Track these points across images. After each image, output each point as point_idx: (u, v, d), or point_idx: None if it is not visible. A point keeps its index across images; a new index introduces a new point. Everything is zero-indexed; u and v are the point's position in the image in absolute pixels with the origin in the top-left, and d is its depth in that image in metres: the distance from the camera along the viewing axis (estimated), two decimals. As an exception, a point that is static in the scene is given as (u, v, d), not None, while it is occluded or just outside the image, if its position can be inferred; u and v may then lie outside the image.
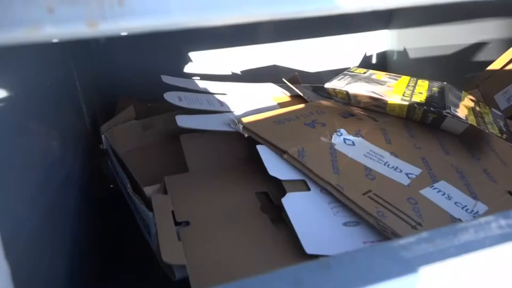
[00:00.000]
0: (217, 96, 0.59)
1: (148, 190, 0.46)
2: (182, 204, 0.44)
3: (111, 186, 0.68)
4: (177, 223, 0.42)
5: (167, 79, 0.60)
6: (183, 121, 0.49)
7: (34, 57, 0.43)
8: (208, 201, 0.45)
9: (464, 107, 0.53)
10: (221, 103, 0.56)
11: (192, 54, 0.90)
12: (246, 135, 0.48)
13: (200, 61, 0.90)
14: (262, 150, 0.46)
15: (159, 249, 0.37)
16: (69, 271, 0.43)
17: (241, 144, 0.51)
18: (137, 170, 0.52)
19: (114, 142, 0.57)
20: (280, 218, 0.43)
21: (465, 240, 0.18)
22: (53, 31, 0.12)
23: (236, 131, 0.50)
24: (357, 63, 1.05)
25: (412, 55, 1.03)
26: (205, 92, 0.60)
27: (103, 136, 0.57)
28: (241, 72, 0.96)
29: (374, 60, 1.07)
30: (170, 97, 0.54)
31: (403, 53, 1.04)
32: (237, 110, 0.55)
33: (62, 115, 0.51)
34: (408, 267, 0.17)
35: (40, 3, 0.12)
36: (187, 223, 0.41)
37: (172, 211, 0.42)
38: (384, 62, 1.07)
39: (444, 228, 0.19)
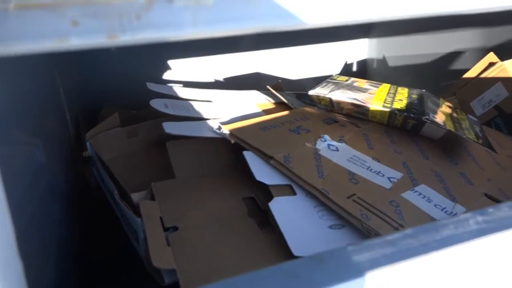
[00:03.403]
0: (202, 103, 0.59)
1: (135, 196, 0.46)
2: (170, 210, 0.44)
3: (93, 193, 0.67)
4: (165, 229, 0.42)
5: (152, 86, 0.60)
6: (170, 127, 0.49)
7: (16, 64, 0.43)
8: (196, 207, 0.45)
9: (442, 114, 0.55)
10: (207, 110, 0.57)
11: (176, 62, 0.90)
12: (232, 141, 0.49)
13: (184, 69, 0.91)
14: (248, 156, 0.47)
15: (148, 254, 0.37)
16: (53, 279, 0.43)
17: (227, 150, 0.52)
18: (123, 177, 0.52)
19: (99, 149, 0.57)
20: (267, 222, 0.44)
21: (446, 235, 0.19)
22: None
23: (222, 138, 0.51)
24: (338, 71, 1.07)
25: (391, 63, 1.06)
26: (191, 99, 0.60)
27: (88, 143, 0.57)
28: (224, 79, 0.97)
29: (354, 68, 1.09)
30: (157, 104, 0.55)
31: (383, 61, 1.07)
32: (223, 117, 0.56)
33: (45, 122, 0.51)
34: (395, 259, 0.18)
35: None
36: (175, 229, 0.42)
37: (160, 217, 0.43)
38: (364, 70, 1.10)
39: (427, 224, 0.20)
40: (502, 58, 0.69)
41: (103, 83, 0.79)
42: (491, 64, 0.69)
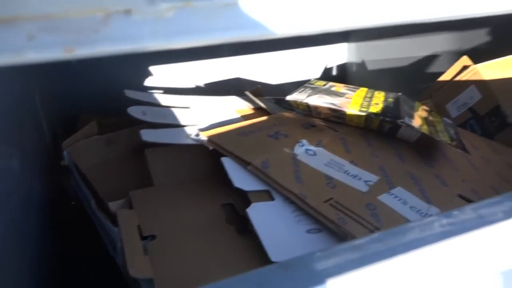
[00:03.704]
0: (181, 110, 0.59)
1: (113, 205, 0.46)
2: (148, 218, 0.44)
3: (72, 203, 0.66)
4: (143, 237, 0.42)
5: (130, 93, 0.60)
6: (147, 135, 0.49)
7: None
8: (174, 215, 0.45)
9: (417, 117, 0.56)
10: (185, 117, 0.57)
11: (155, 68, 0.90)
12: (210, 147, 0.49)
13: (164, 75, 0.90)
14: (226, 162, 0.47)
15: (125, 264, 0.37)
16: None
17: (206, 157, 0.52)
18: (101, 186, 0.52)
19: (76, 158, 0.56)
20: (245, 228, 0.44)
21: (411, 238, 0.20)
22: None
23: (201, 144, 0.51)
24: (318, 75, 1.08)
25: (370, 67, 1.07)
26: (169, 106, 0.60)
27: (64, 152, 0.57)
28: (205, 85, 0.97)
29: (334, 72, 1.11)
30: (134, 111, 0.54)
31: (362, 65, 1.08)
32: (201, 123, 0.56)
33: (20, 132, 0.50)
34: (360, 264, 0.18)
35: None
36: (154, 237, 0.42)
37: (138, 226, 0.42)
38: (343, 74, 1.11)
39: (394, 228, 0.20)
40: (475, 61, 0.70)
41: (81, 90, 0.78)
42: (465, 68, 0.71)
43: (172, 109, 0.59)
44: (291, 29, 0.18)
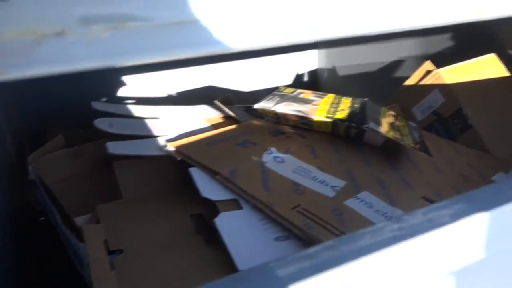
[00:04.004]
0: (149, 121, 0.59)
1: (79, 220, 0.45)
2: (115, 232, 0.43)
3: (42, 218, 0.65)
4: (110, 252, 0.41)
5: (97, 105, 0.59)
6: (114, 147, 0.49)
7: None
8: (143, 228, 0.45)
9: (383, 121, 0.58)
10: (154, 127, 0.57)
11: (125, 78, 0.89)
12: (178, 158, 0.49)
13: (135, 85, 0.90)
14: (194, 172, 0.47)
15: (91, 280, 0.36)
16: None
17: (175, 168, 0.52)
18: (67, 200, 0.51)
19: (42, 173, 0.55)
20: (215, 238, 0.44)
21: (363, 244, 0.20)
22: None
23: (169, 155, 0.50)
24: (290, 82, 1.09)
25: (340, 72, 1.09)
26: (138, 117, 0.60)
27: (30, 167, 0.55)
28: (176, 94, 0.97)
29: (305, 78, 1.12)
30: (101, 123, 0.54)
31: (332, 71, 1.10)
32: (170, 134, 0.55)
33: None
34: (313, 272, 0.18)
35: None
36: (121, 251, 0.41)
37: (105, 240, 0.42)
38: (315, 80, 1.13)
39: (347, 235, 0.21)
40: (438, 66, 0.73)
41: (49, 103, 0.77)
42: (428, 72, 0.73)
43: (141, 120, 0.58)
44: (233, 45, 0.18)
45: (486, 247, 0.23)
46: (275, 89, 0.68)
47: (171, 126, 0.58)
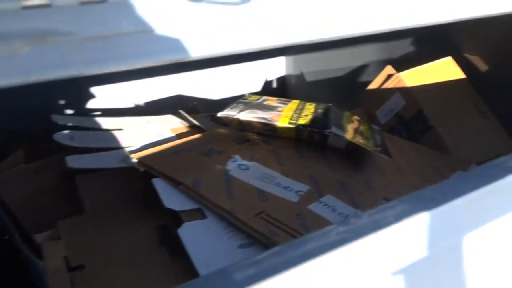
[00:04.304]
0: (113, 132, 0.58)
1: (38, 237, 0.44)
2: (76, 248, 0.43)
3: (6, 237, 0.63)
4: (71, 269, 0.40)
5: (57, 118, 0.58)
6: (74, 161, 0.48)
7: None
8: (105, 242, 0.44)
9: (346, 125, 0.59)
10: (117, 139, 0.56)
11: (91, 89, 0.88)
12: (141, 169, 0.49)
13: (101, 96, 0.88)
14: (157, 183, 0.46)
15: (49, 299, 0.35)
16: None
17: (139, 180, 0.51)
18: (30, 217, 0.50)
19: (1, 190, 0.53)
20: (179, 249, 0.43)
21: (308, 248, 0.21)
22: None
23: (133, 167, 0.50)
24: (259, 89, 1.10)
25: (308, 78, 1.11)
26: (101, 128, 0.59)
27: (-12, 185, 0.54)
28: (145, 104, 0.96)
29: (274, 85, 1.13)
30: (61, 137, 0.53)
31: (300, 77, 1.12)
32: (134, 145, 0.55)
33: None
34: (257, 279, 0.18)
35: None
36: (82, 267, 0.40)
37: (66, 257, 0.41)
38: (284, 87, 1.14)
39: (294, 240, 0.21)
40: (399, 69, 0.75)
41: (7, 118, 0.74)
42: (390, 76, 0.75)
43: (104, 132, 0.58)
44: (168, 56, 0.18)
45: (429, 246, 0.24)
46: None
47: (135, 137, 0.57)
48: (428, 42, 0.81)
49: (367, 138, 0.57)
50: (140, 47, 0.20)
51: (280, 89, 1.13)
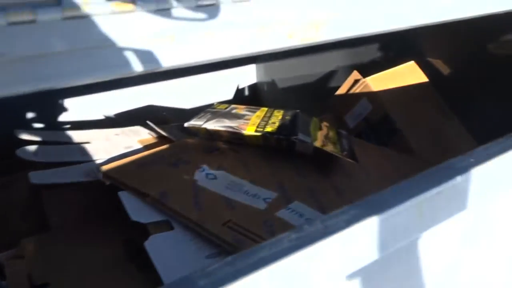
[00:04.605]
0: (79, 146, 0.57)
1: (1, 257, 0.43)
2: (41, 265, 0.42)
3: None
4: (35, 287, 0.39)
5: (22, 133, 0.57)
6: (37, 177, 0.47)
7: None
8: (71, 258, 0.43)
9: (313, 131, 0.59)
10: (83, 153, 0.55)
11: (62, 102, 0.86)
12: (107, 183, 0.48)
13: (72, 109, 0.87)
14: (123, 196, 0.46)
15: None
16: None
17: (106, 193, 0.51)
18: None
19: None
20: (147, 262, 0.43)
21: (260, 257, 0.21)
22: None
23: (99, 180, 0.49)
24: (231, 97, 1.10)
25: (280, 85, 1.12)
26: (67, 142, 0.58)
27: None
28: (115, 115, 0.95)
29: (246, 93, 1.14)
30: (24, 153, 0.52)
31: (272, 84, 1.12)
32: (100, 158, 0.54)
33: None
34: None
35: None
36: (46, 285, 0.39)
37: (29, 275, 0.40)
38: (256, 94, 1.15)
39: (248, 250, 0.21)
40: (366, 74, 0.76)
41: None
42: (356, 81, 0.76)
43: (70, 146, 0.57)
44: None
45: (381, 248, 0.24)
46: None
47: (102, 150, 0.56)
48: (392, 47, 0.83)
49: (334, 144, 0.58)
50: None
51: (252, 96, 1.14)
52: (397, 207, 0.25)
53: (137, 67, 0.23)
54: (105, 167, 0.50)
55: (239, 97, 1.11)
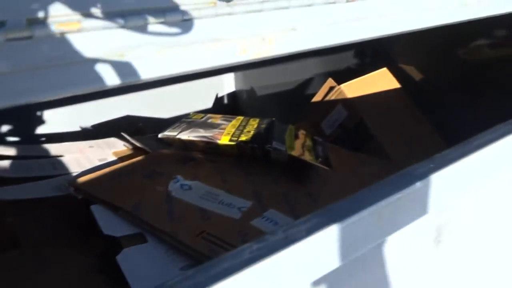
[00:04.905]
0: (51, 159, 0.56)
1: (-32, 276, 0.42)
2: (10, 283, 0.41)
3: None
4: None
5: (-9, 149, 0.56)
6: (5, 193, 0.46)
7: None
8: (42, 274, 0.42)
9: (288, 139, 0.60)
10: (55, 167, 0.54)
11: (41, 115, 0.85)
12: (79, 197, 0.48)
13: (50, 122, 0.85)
14: (96, 210, 0.45)
15: None
16: None
17: (79, 207, 0.50)
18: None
19: None
20: (121, 276, 0.42)
21: (221, 269, 0.21)
22: None
23: (70, 194, 0.49)
24: (210, 106, 1.10)
25: (259, 93, 1.12)
26: (39, 156, 0.57)
27: None
28: (92, 127, 0.94)
29: (225, 101, 1.14)
30: (-7, 168, 0.51)
31: (251, 92, 1.13)
32: (73, 171, 0.54)
33: None
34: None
35: None
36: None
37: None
38: (235, 102, 1.15)
39: (208, 262, 0.21)
40: (341, 81, 0.77)
41: None
42: (331, 88, 0.77)
43: (41, 160, 0.56)
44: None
45: (341, 256, 0.25)
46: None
47: (75, 163, 0.56)
48: (366, 54, 0.85)
49: (309, 150, 0.59)
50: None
51: (232, 105, 1.14)
52: (357, 215, 0.25)
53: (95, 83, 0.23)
54: (77, 181, 0.49)
55: (219, 105, 1.11)
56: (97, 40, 0.21)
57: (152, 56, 0.22)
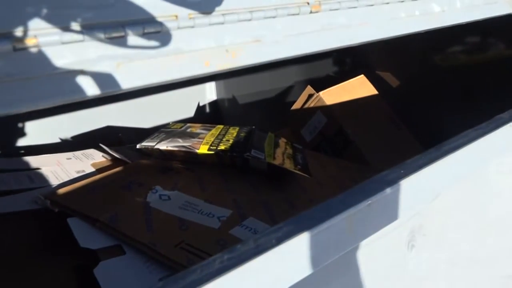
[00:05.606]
0: (28, 172, 0.56)
1: None
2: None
3: None
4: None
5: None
6: (-21, 208, 0.45)
7: None
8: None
9: (267, 147, 0.60)
10: (31, 180, 0.54)
11: (20, 126, 0.84)
12: (55, 210, 0.47)
13: (29, 133, 0.84)
14: (72, 222, 0.45)
15: None
16: None
17: (55, 220, 0.49)
18: None
19: None
20: (99, 289, 0.42)
21: (190, 280, 0.21)
22: None
23: (47, 207, 0.48)
24: (192, 115, 1.10)
25: (240, 101, 1.13)
26: (15, 169, 0.56)
27: None
28: (72, 138, 0.93)
29: (207, 110, 1.14)
30: (-33, 183, 0.50)
31: (233, 100, 1.13)
32: (50, 184, 0.53)
33: None
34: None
35: None
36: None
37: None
38: (217, 111, 1.15)
39: (177, 274, 0.21)
40: (320, 88, 0.78)
41: None
42: (310, 96, 0.78)
43: (17, 173, 0.55)
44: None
45: (312, 263, 0.25)
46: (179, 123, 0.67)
47: (52, 176, 0.55)
48: (344, 61, 0.86)
49: (288, 158, 0.59)
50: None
51: (214, 113, 1.14)
52: (327, 222, 0.26)
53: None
54: (53, 194, 0.49)
55: (201, 114, 1.12)
56: (55, 54, 0.21)
57: (111, 70, 0.22)
